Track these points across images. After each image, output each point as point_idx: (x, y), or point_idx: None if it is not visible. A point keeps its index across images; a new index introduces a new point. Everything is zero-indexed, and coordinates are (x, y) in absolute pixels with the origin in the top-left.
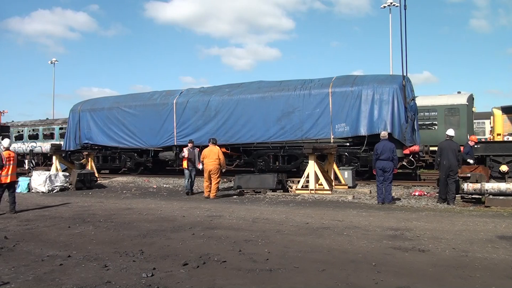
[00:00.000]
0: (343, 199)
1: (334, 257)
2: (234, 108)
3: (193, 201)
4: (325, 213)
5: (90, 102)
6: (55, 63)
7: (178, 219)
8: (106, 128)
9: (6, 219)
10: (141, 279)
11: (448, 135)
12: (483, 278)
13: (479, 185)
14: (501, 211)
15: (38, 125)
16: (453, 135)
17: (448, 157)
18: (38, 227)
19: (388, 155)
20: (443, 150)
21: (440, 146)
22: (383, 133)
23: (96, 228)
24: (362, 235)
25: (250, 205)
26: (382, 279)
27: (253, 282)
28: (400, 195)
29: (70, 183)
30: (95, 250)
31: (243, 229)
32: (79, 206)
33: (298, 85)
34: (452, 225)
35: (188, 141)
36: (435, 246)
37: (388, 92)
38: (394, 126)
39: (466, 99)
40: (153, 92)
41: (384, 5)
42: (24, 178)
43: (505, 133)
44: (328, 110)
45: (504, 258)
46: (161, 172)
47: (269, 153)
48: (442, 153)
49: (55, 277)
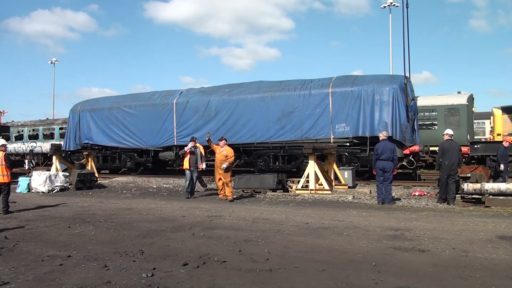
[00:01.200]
0: (343, 199)
1: (334, 257)
2: (234, 108)
3: (193, 201)
4: (325, 213)
5: (90, 102)
6: (55, 63)
7: (178, 219)
8: (106, 128)
9: (6, 219)
10: (141, 279)
11: (449, 135)
12: (483, 278)
13: (479, 185)
14: (501, 211)
15: (38, 125)
16: (453, 134)
17: (451, 157)
18: (38, 227)
19: (389, 155)
20: (446, 150)
21: (442, 146)
22: (383, 133)
23: (96, 228)
24: (362, 235)
25: (250, 205)
26: (382, 279)
27: (253, 282)
28: (400, 195)
29: (70, 183)
30: (95, 250)
31: (243, 229)
32: (79, 206)
33: (298, 85)
34: (452, 225)
35: (190, 139)
36: (435, 246)
37: (388, 92)
38: (395, 126)
39: (466, 99)
40: (153, 92)
41: (384, 5)
42: (24, 178)
43: (505, 133)
44: (328, 110)
45: (504, 258)
46: (161, 172)
47: (269, 153)
48: (444, 153)
49: (55, 277)
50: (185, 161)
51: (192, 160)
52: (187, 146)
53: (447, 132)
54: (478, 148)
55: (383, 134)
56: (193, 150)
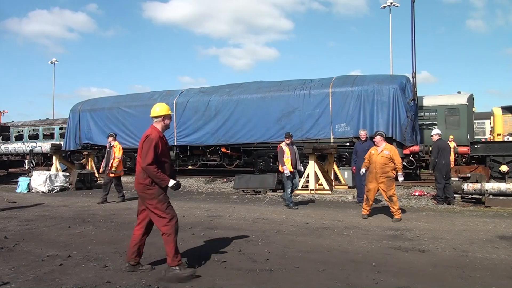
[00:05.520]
0: (343, 199)
1: (334, 257)
2: (234, 108)
3: (193, 201)
4: (325, 213)
5: (90, 102)
6: (55, 63)
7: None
8: (106, 128)
9: (6, 219)
10: (141, 279)
11: (439, 134)
12: (483, 278)
13: (479, 185)
14: (501, 211)
15: (38, 125)
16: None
17: (446, 156)
18: (38, 227)
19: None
20: (442, 149)
21: (438, 145)
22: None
23: (96, 228)
24: (362, 235)
25: (250, 205)
26: (382, 279)
27: (253, 282)
28: (400, 195)
29: (70, 183)
30: (95, 250)
31: (243, 229)
32: (79, 206)
33: (298, 85)
34: (452, 225)
35: (285, 135)
36: (435, 246)
37: (389, 92)
38: (394, 126)
39: (466, 99)
40: (153, 92)
41: (384, 5)
42: (24, 178)
43: (505, 133)
44: (328, 110)
45: (504, 258)
46: None
47: (269, 153)
48: (441, 152)
49: (55, 277)
50: (287, 161)
51: (292, 160)
52: (283, 142)
53: (437, 132)
54: (478, 148)
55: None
56: (291, 147)
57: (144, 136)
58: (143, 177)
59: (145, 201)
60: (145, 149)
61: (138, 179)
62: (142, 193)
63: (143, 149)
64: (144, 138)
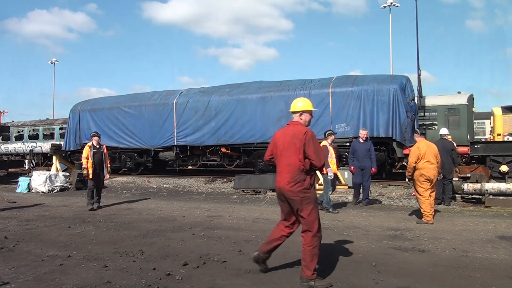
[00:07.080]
0: (343, 199)
1: (335, 257)
2: (234, 108)
3: (193, 201)
4: (325, 213)
5: (90, 102)
6: (55, 63)
7: (178, 219)
8: (106, 128)
9: (6, 219)
10: (141, 279)
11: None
12: (483, 278)
13: (479, 185)
14: (501, 211)
15: (38, 125)
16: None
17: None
18: (38, 227)
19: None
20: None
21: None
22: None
23: (96, 228)
24: (362, 235)
25: (250, 205)
26: (382, 279)
27: (253, 282)
28: (400, 195)
29: (70, 183)
30: (95, 250)
31: (243, 229)
32: (79, 206)
33: (298, 85)
34: (452, 225)
35: (329, 133)
36: (435, 246)
37: (389, 92)
38: (395, 126)
39: (466, 99)
40: (153, 92)
41: (384, 5)
42: (24, 178)
43: (505, 133)
44: (328, 110)
45: (504, 258)
46: (161, 172)
47: None
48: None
49: (55, 277)
50: (331, 162)
51: (336, 161)
52: (325, 140)
53: (442, 132)
54: (478, 148)
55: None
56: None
57: (303, 132)
58: (302, 179)
59: (302, 205)
60: (316, 146)
61: (295, 181)
62: (301, 198)
63: (313, 146)
64: (308, 134)
